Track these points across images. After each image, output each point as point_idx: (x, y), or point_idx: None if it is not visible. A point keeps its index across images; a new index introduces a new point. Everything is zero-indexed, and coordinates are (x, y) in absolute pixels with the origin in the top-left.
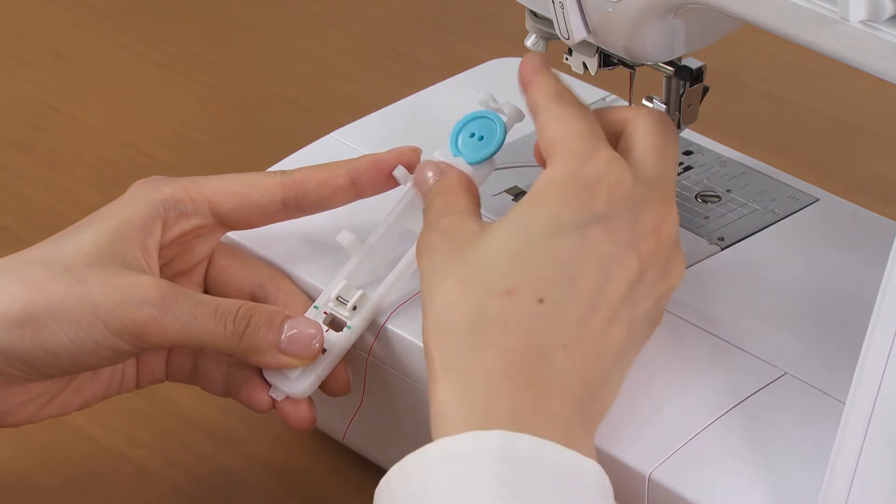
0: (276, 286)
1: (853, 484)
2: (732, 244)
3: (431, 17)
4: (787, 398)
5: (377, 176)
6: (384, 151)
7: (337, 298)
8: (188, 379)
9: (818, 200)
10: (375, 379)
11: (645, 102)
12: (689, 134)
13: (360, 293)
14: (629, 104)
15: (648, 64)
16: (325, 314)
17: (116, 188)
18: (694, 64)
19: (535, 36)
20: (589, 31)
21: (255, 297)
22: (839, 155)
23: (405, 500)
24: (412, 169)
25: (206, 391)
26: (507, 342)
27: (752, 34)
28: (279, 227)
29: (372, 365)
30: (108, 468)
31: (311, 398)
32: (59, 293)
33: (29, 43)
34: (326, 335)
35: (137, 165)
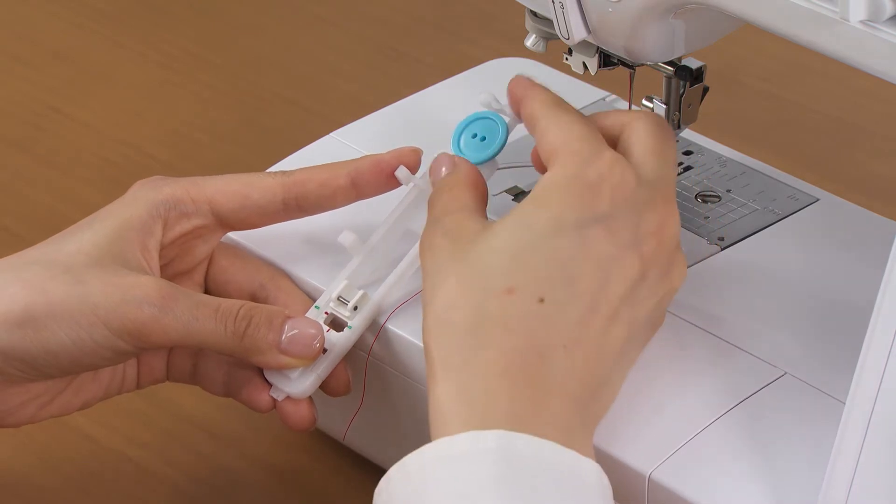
0: (276, 286)
1: (853, 484)
2: (732, 244)
3: (431, 17)
4: (787, 398)
5: (378, 176)
6: (385, 152)
7: (338, 298)
8: (188, 379)
9: (818, 200)
10: (376, 379)
11: (645, 102)
12: (689, 134)
13: (360, 293)
14: (629, 104)
15: (648, 64)
16: (325, 314)
17: (116, 188)
18: (694, 64)
19: (535, 36)
20: (589, 31)
21: (255, 297)
22: (839, 155)
23: (404, 499)
24: (413, 169)
25: (206, 391)
26: (506, 342)
27: (752, 34)
28: (280, 227)
29: (372, 365)
30: (108, 468)
31: (311, 398)
32: (59, 293)
33: (29, 43)
34: (327, 335)
35: (137, 165)
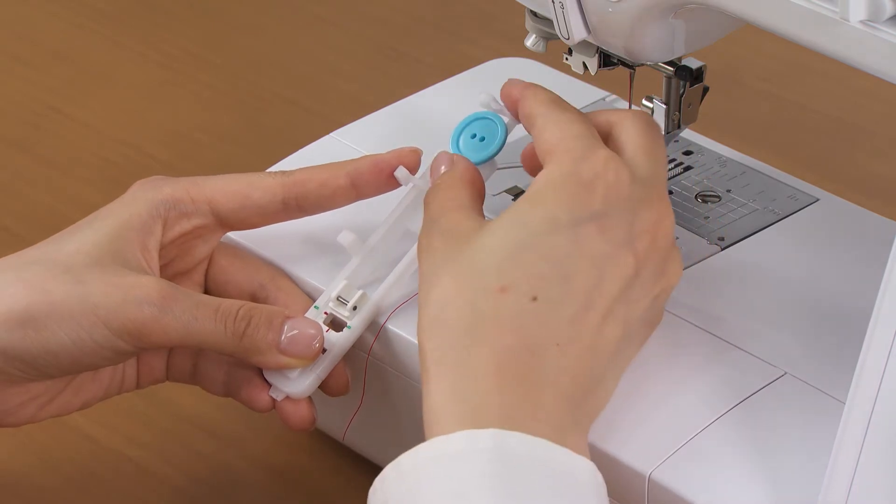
0: (276, 286)
1: (853, 484)
2: (732, 244)
3: (431, 17)
4: (787, 398)
5: (377, 177)
6: (385, 152)
7: (337, 298)
8: (188, 379)
9: (818, 200)
10: (375, 379)
11: (645, 102)
12: (689, 134)
13: (360, 293)
14: (629, 104)
15: (648, 64)
16: (325, 314)
17: (116, 188)
18: (694, 64)
19: (535, 36)
20: (589, 31)
21: (255, 297)
22: (839, 155)
23: (399, 498)
24: (413, 169)
25: (206, 391)
26: (499, 340)
27: (752, 34)
28: (280, 227)
29: (372, 365)
30: (108, 468)
31: (311, 398)
32: (59, 293)
33: (29, 43)
34: (326, 335)
35: (137, 165)
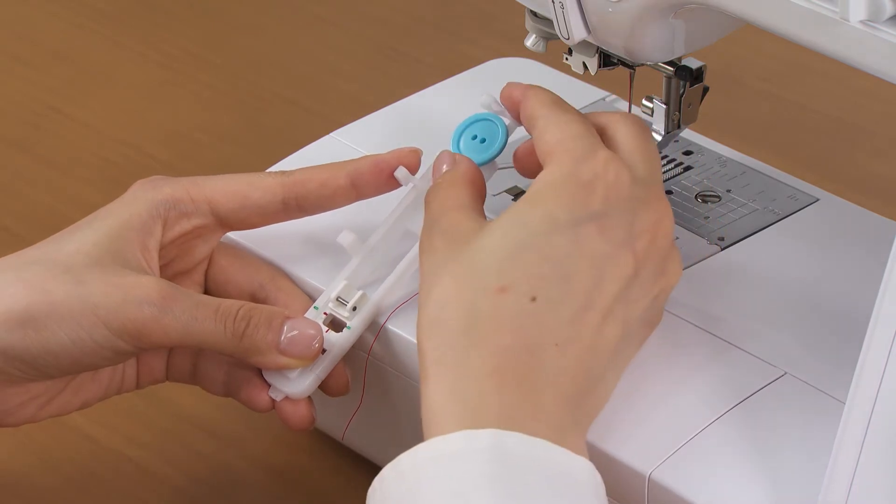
0: (276, 286)
1: (853, 484)
2: (732, 244)
3: (431, 17)
4: (787, 398)
5: (377, 177)
6: (385, 153)
7: (337, 299)
8: (188, 379)
9: (818, 200)
10: (375, 379)
11: (645, 102)
12: (689, 134)
13: (360, 294)
14: (629, 104)
15: (648, 64)
16: (324, 315)
17: (116, 188)
18: (694, 64)
19: (535, 36)
20: (589, 31)
21: (255, 297)
22: (839, 155)
23: (398, 498)
24: (413, 170)
25: (206, 391)
26: (498, 340)
27: (752, 34)
28: (280, 227)
29: (371, 365)
30: (108, 468)
31: (310, 398)
32: (59, 293)
33: (29, 43)
34: (326, 336)
35: (137, 165)
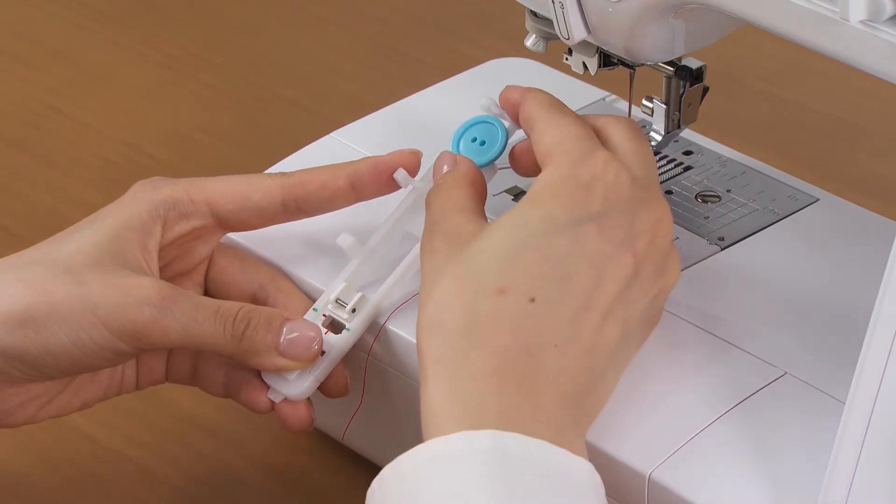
0: (276, 287)
1: (853, 484)
2: (732, 244)
3: (431, 17)
4: (787, 398)
5: (377, 179)
6: (384, 154)
7: (336, 301)
8: (188, 380)
9: (818, 200)
10: (375, 379)
11: (645, 102)
12: (689, 134)
13: (359, 295)
14: (629, 104)
15: (648, 64)
16: (324, 316)
17: (116, 188)
18: (694, 64)
19: (535, 36)
20: (589, 31)
21: (255, 297)
22: (839, 155)
23: (398, 499)
24: (413, 172)
25: (206, 392)
26: (497, 341)
27: (752, 34)
28: (280, 228)
29: (371, 365)
30: (108, 468)
31: (309, 399)
32: (59, 293)
33: (29, 43)
34: (325, 337)
35: (137, 165)
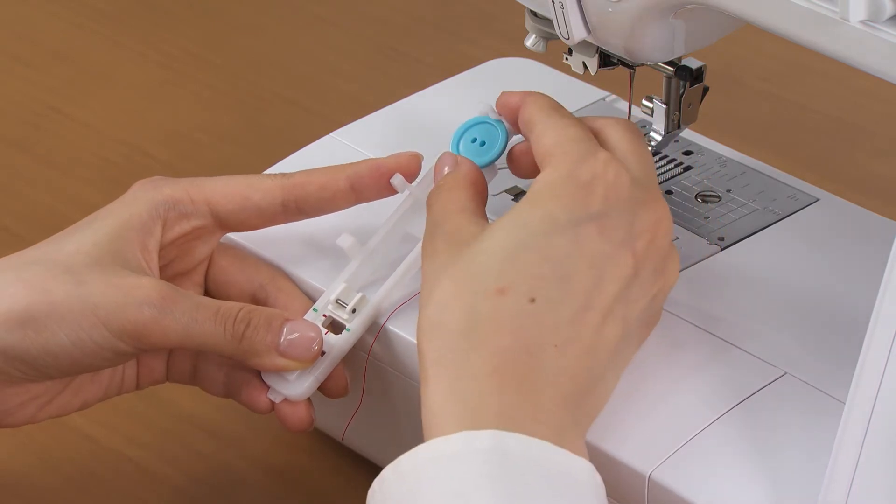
0: (276, 287)
1: (853, 484)
2: (732, 244)
3: (431, 17)
4: (787, 398)
5: (377, 181)
6: (385, 157)
7: (336, 301)
8: (188, 380)
9: (818, 200)
10: (375, 379)
11: (645, 102)
12: (689, 134)
13: (359, 296)
14: (629, 104)
15: (648, 64)
16: (324, 317)
17: (116, 188)
18: (694, 64)
19: (535, 36)
20: (589, 31)
21: (255, 297)
22: (839, 155)
23: (399, 500)
24: (412, 176)
25: (206, 392)
26: (497, 342)
27: (752, 34)
28: (280, 228)
29: (371, 365)
30: (108, 468)
31: (309, 399)
32: (60, 293)
33: (29, 43)
34: (325, 337)
35: (137, 165)
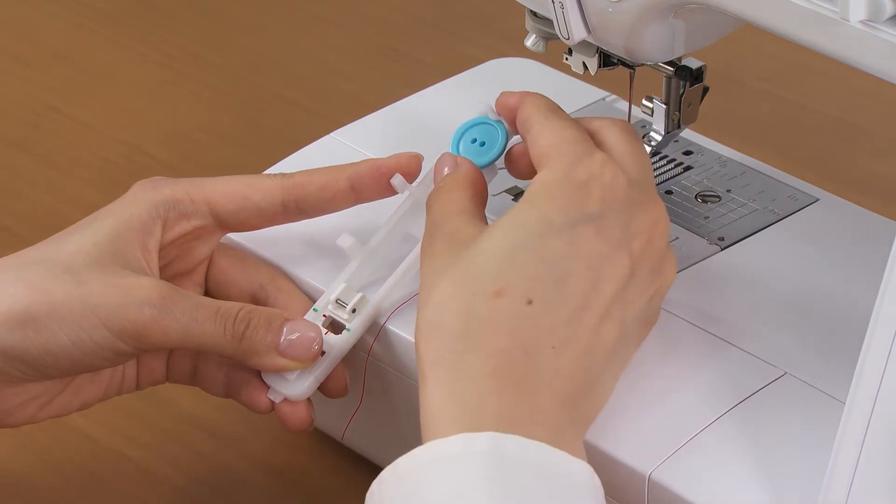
0: (276, 287)
1: (853, 484)
2: (732, 244)
3: (431, 17)
4: (787, 398)
5: (377, 181)
6: (385, 157)
7: (336, 301)
8: (188, 380)
9: (818, 200)
10: (375, 379)
11: (645, 102)
12: (689, 134)
13: (359, 296)
14: (629, 104)
15: (648, 64)
16: (324, 317)
17: (116, 188)
18: (694, 64)
19: (535, 36)
20: (589, 31)
21: (255, 297)
22: (839, 155)
23: (397, 501)
24: (412, 176)
25: (206, 392)
26: (494, 343)
27: (752, 34)
28: (280, 228)
29: (371, 365)
30: (108, 468)
31: (309, 399)
32: (60, 293)
33: (29, 43)
34: (325, 337)
35: (137, 165)
